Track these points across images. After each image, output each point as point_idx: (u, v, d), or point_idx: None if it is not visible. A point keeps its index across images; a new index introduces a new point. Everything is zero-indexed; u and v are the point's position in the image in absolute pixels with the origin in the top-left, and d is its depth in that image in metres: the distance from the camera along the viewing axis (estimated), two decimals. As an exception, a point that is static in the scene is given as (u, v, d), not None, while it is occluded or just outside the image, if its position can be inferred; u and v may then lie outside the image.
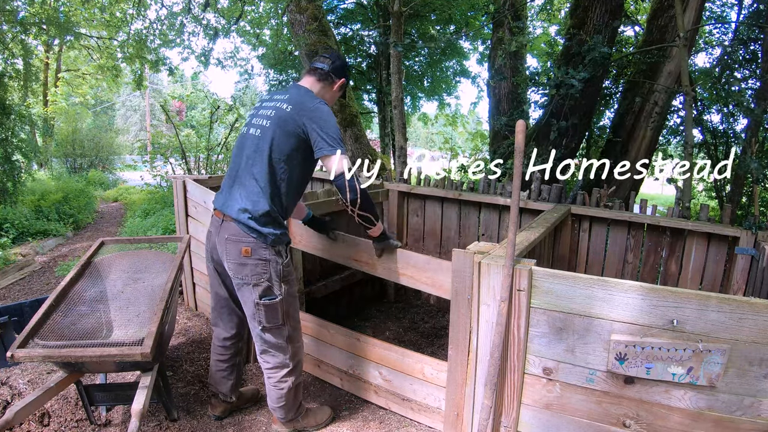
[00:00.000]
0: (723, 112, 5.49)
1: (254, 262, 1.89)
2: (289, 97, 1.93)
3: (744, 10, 5.77)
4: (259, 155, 1.88)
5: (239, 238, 1.88)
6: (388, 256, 2.22)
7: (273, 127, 1.88)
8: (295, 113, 1.87)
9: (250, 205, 1.87)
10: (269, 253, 1.90)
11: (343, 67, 2.09)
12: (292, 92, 1.97)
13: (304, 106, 1.88)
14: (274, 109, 1.92)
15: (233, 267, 1.92)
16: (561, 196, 3.32)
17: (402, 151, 6.08)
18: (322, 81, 2.04)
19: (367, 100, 12.22)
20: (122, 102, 31.39)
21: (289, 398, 2.09)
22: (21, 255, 5.15)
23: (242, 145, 1.97)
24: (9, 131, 6.34)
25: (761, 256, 2.42)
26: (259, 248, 1.88)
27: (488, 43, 8.05)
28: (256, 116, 1.97)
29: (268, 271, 1.90)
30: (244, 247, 1.87)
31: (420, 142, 40.35)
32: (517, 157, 1.68)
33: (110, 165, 14.21)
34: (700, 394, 1.57)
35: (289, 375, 2.05)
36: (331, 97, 2.09)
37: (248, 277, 1.90)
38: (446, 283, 2.00)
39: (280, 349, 2.02)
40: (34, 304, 2.65)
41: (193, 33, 7.90)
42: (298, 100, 1.91)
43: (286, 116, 1.87)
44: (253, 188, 1.88)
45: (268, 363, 2.04)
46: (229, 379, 2.31)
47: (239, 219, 1.88)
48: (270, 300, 1.92)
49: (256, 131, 1.93)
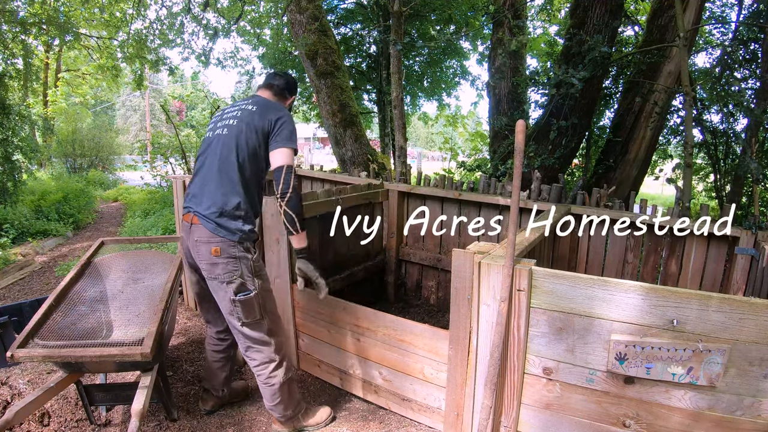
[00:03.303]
0: (723, 112, 5.49)
1: (225, 261, 1.94)
2: (253, 101, 2.09)
3: (744, 10, 5.76)
4: (229, 152, 1.96)
5: (208, 239, 1.94)
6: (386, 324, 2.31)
7: (240, 125, 1.99)
8: (260, 111, 2.01)
9: (221, 202, 1.94)
10: (238, 251, 1.95)
11: (295, 87, 2.32)
12: (256, 99, 2.13)
13: (269, 106, 2.05)
14: (240, 110, 2.05)
15: (206, 267, 1.98)
16: (561, 196, 3.32)
17: (402, 151, 6.08)
18: (277, 96, 2.22)
19: (367, 100, 12.20)
20: (122, 102, 31.39)
21: (283, 394, 2.10)
22: (21, 255, 5.15)
23: (209, 146, 2.06)
24: (9, 131, 6.34)
25: (761, 256, 2.42)
26: (228, 247, 1.94)
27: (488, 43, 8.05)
28: (221, 120, 2.08)
29: (240, 268, 1.96)
30: (213, 247, 1.93)
31: (420, 142, 40.35)
32: (517, 157, 1.68)
33: (110, 165, 14.22)
34: (700, 394, 1.57)
35: (277, 369, 2.07)
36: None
37: (221, 275, 1.95)
38: (443, 349, 2.09)
39: (263, 344, 2.05)
40: (34, 304, 2.65)
41: (193, 33, 7.90)
42: (263, 103, 2.08)
43: (252, 115, 2.00)
44: (225, 183, 1.96)
45: (254, 360, 2.07)
46: (223, 370, 2.35)
47: (209, 218, 1.94)
48: (245, 295, 1.96)
49: (223, 131, 2.03)
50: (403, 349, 2.30)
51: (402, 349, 2.31)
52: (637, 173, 5.69)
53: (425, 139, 39.82)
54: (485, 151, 9.07)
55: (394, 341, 2.32)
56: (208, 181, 1.98)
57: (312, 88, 7.78)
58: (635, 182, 5.73)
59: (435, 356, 2.18)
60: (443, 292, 3.93)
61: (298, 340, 2.80)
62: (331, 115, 6.78)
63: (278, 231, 2.66)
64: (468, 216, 3.69)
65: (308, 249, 2.10)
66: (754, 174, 4.04)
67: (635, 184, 5.72)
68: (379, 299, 4.04)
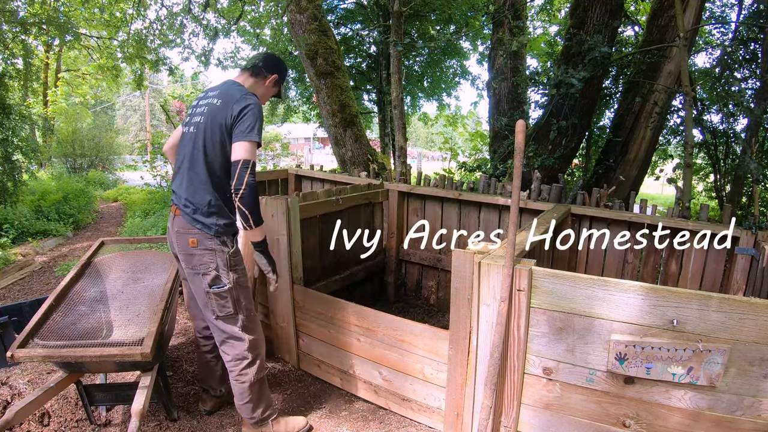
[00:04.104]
0: (723, 112, 5.49)
1: (201, 252, 1.96)
2: (219, 92, 2.01)
3: (744, 10, 5.76)
4: (197, 151, 1.96)
5: (186, 230, 1.97)
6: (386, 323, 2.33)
7: (206, 122, 1.96)
8: (223, 105, 1.94)
9: (193, 198, 1.96)
10: (214, 243, 1.97)
11: (276, 64, 2.16)
12: (223, 87, 2.04)
13: (232, 97, 1.95)
14: (207, 105, 2.00)
15: (183, 258, 2.01)
16: (561, 196, 3.32)
17: (402, 151, 6.08)
18: (254, 76, 2.11)
19: (367, 100, 12.20)
20: (122, 102, 31.38)
21: (253, 394, 2.09)
22: (21, 255, 5.15)
23: (183, 142, 2.05)
24: (9, 131, 6.34)
25: (761, 256, 2.42)
26: (204, 239, 1.96)
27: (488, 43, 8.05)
28: (194, 115, 2.04)
29: (215, 261, 1.97)
30: (190, 238, 1.96)
31: (420, 142, 40.35)
32: (517, 157, 1.68)
33: (110, 165, 14.21)
34: (700, 394, 1.57)
35: (249, 367, 2.06)
36: (264, 92, 2.16)
37: (197, 267, 1.97)
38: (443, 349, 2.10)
39: (237, 339, 2.05)
40: (34, 304, 2.65)
41: (193, 33, 7.89)
42: (228, 93, 1.98)
43: (216, 110, 1.95)
44: (195, 182, 1.96)
45: (227, 355, 2.08)
46: (216, 369, 2.35)
47: (185, 212, 1.96)
48: (218, 288, 1.97)
49: (191, 129, 2.01)
50: (403, 349, 2.30)
51: (402, 349, 2.30)
52: (637, 173, 5.69)
53: (425, 139, 39.82)
54: (485, 151, 9.06)
55: (394, 341, 2.32)
56: (182, 179, 2.00)
57: (312, 88, 7.78)
58: (635, 182, 5.73)
59: (435, 356, 2.18)
60: (443, 292, 3.93)
61: (298, 340, 2.80)
62: (331, 115, 6.78)
63: (278, 231, 2.66)
64: (468, 216, 3.69)
65: (265, 242, 2.05)
66: (754, 174, 4.05)
67: (635, 184, 5.72)
68: (379, 299, 4.04)
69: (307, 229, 3.11)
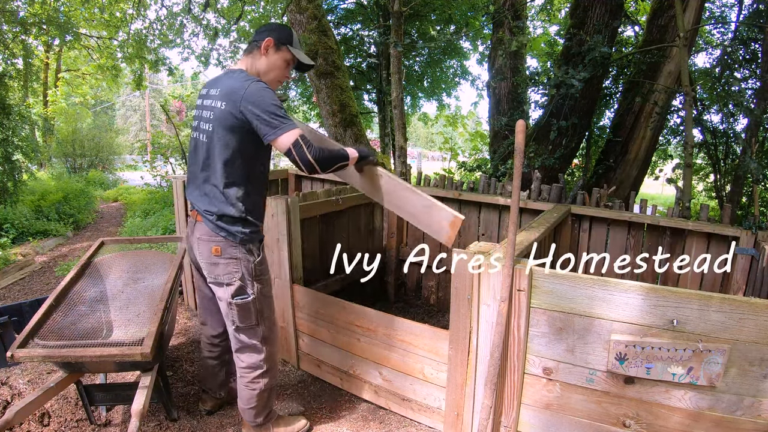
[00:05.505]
0: (723, 112, 5.49)
1: (225, 261, 1.88)
2: (220, 91, 1.83)
3: (744, 10, 5.76)
4: (212, 161, 1.84)
5: (210, 237, 1.87)
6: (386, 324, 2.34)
7: (216, 129, 1.82)
8: (230, 107, 1.78)
9: (214, 208, 1.86)
10: (239, 252, 1.88)
11: (267, 28, 1.95)
12: (223, 83, 1.85)
13: (235, 94, 1.77)
14: (211, 109, 1.85)
15: (206, 266, 1.92)
16: (561, 196, 3.32)
17: (402, 151, 6.08)
18: (249, 53, 1.94)
19: (367, 100, 12.21)
20: (122, 102, 31.37)
21: (260, 401, 2.05)
22: (21, 255, 5.15)
23: (195, 149, 1.93)
24: (9, 131, 6.34)
25: (761, 256, 2.42)
26: (228, 247, 1.87)
27: (488, 43, 8.05)
28: (201, 119, 1.91)
29: (240, 270, 1.89)
30: (214, 246, 1.87)
31: (420, 142, 40.34)
32: (517, 157, 1.68)
33: (110, 165, 14.20)
34: (701, 394, 1.57)
35: (262, 377, 2.02)
36: (267, 66, 1.93)
37: (221, 276, 1.89)
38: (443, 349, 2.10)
39: (255, 350, 2.00)
40: (34, 304, 2.64)
41: (193, 33, 7.89)
42: (229, 90, 1.80)
43: (223, 115, 1.79)
44: (215, 193, 1.86)
45: (242, 362, 2.02)
46: (218, 375, 2.34)
47: (208, 219, 1.87)
48: (242, 299, 1.90)
49: (202, 137, 1.88)
50: (403, 349, 2.30)
51: (402, 349, 2.30)
52: (637, 173, 5.70)
53: (425, 139, 39.81)
54: (485, 151, 9.07)
55: (394, 341, 2.32)
56: (198, 188, 1.92)
57: (312, 87, 7.78)
58: (635, 182, 5.73)
59: (435, 356, 2.18)
60: (443, 292, 3.93)
61: (298, 340, 2.80)
62: (331, 115, 6.78)
63: (278, 231, 2.66)
64: (468, 216, 3.68)
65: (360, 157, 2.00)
66: (754, 174, 4.05)
67: (635, 184, 5.72)
68: (379, 299, 4.04)
69: (307, 229, 3.11)
